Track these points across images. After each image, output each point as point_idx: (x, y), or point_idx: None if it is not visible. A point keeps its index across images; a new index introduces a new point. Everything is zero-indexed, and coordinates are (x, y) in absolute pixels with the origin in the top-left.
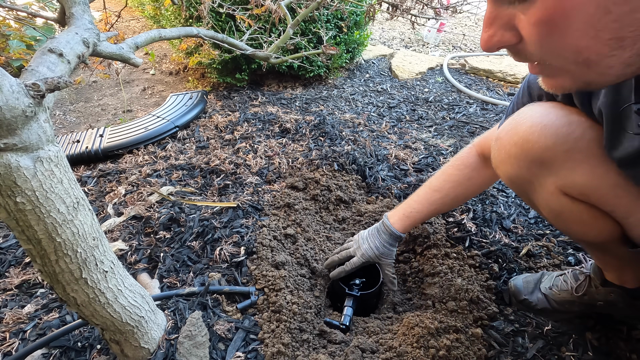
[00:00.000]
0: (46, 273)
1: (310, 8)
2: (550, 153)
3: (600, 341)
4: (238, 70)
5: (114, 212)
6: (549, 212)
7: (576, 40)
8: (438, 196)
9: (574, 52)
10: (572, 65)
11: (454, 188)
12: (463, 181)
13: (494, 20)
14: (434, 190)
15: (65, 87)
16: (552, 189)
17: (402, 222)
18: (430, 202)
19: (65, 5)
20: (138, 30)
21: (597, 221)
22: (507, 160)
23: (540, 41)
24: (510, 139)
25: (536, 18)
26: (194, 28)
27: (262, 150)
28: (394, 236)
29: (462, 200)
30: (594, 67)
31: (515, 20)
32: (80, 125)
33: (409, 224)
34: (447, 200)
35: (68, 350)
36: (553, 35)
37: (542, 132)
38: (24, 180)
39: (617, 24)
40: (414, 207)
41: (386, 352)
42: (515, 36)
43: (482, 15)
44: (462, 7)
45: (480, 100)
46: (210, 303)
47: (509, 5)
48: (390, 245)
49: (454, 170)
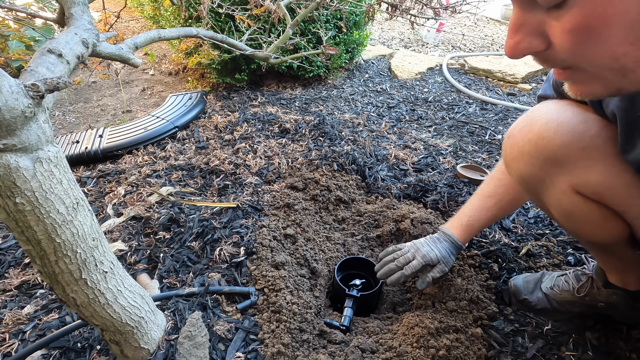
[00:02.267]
0: (46, 274)
1: (310, 8)
2: (566, 151)
3: (600, 341)
4: (237, 71)
5: (114, 212)
6: (560, 212)
7: (614, 46)
8: (492, 202)
9: (611, 58)
10: (606, 72)
11: (507, 192)
12: (513, 184)
13: (521, 27)
14: (487, 197)
15: (65, 87)
16: (565, 187)
17: (460, 231)
18: (486, 208)
19: (65, 5)
20: (137, 31)
21: (607, 222)
22: (520, 158)
23: (574, 48)
24: (524, 136)
25: (572, 24)
26: (194, 28)
27: (261, 151)
28: (455, 245)
29: (517, 203)
30: (630, 74)
31: (545, 26)
32: (80, 125)
33: (469, 233)
34: (503, 204)
35: (68, 351)
36: (589, 41)
37: (558, 129)
38: (23, 180)
39: None
40: (470, 216)
41: (386, 352)
42: (544, 42)
43: (481, 15)
44: (461, 7)
45: (480, 100)
46: (210, 303)
47: (540, 11)
48: (452, 253)
49: (502, 175)
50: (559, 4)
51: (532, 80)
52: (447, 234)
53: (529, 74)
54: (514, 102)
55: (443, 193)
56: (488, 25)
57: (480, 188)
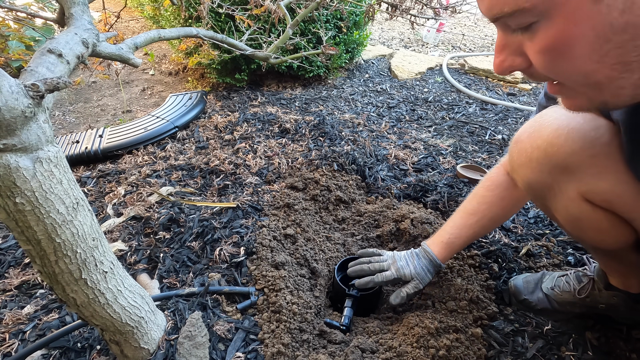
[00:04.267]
0: (46, 274)
1: (310, 8)
2: (576, 158)
3: (600, 341)
4: (237, 71)
5: (114, 212)
6: (566, 218)
7: (582, 65)
8: (474, 219)
9: (583, 75)
10: (584, 87)
11: (489, 209)
12: (496, 201)
13: (505, 47)
14: (469, 214)
15: (65, 87)
16: (574, 195)
17: (440, 249)
18: (467, 226)
19: (65, 5)
20: (137, 31)
21: (615, 229)
22: (528, 164)
23: (548, 67)
24: (533, 142)
25: (540, 46)
26: (194, 28)
27: (261, 151)
28: (433, 263)
29: (499, 220)
30: (605, 89)
31: (523, 46)
32: (80, 125)
33: (449, 251)
34: (485, 222)
35: (68, 351)
36: (560, 60)
37: (568, 136)
38: (23, 180)
39: (620, 50)
40: (451, 233)
41: (386, 352)
42: (525, 61)
43: (481, 15)
44: (461, 7)
45: (480, 100)
46: (210, 303)
47: (518, 33)
48: (428, 271)
49: (485, 192)
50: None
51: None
52: (427, 251)
53: None
54: (514, 102)
55: (443, 193)
56: (488, 25)
57: (463, 204)
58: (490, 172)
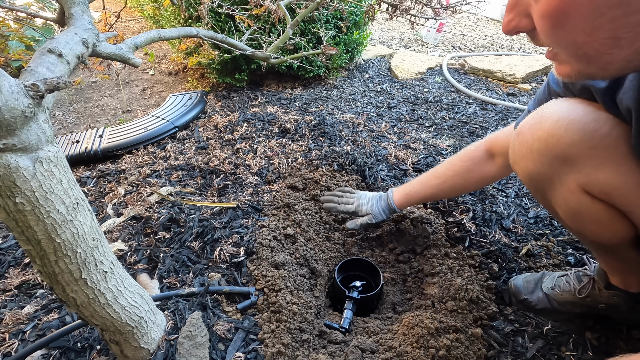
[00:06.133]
0: (46, 274)
1: (310, 8)
2: (576, 149)
3: (600, 341)
4: (237, 71)
5: (114, 212)
6: (566, 211)
7: (574, 35)
8: (436, 182)
9: (574, 46)
10: (573, 57)
11: (452, 177)
12: (462, 172)
13: (515, 6)
14: (435, 176)
15: (65, 87)
16: (573, 186)
17: (400, 198)
18: (429, 185)
19: (65, 5)
20: (137, 31)
21: (613, 222)
22: (529, 156)
23: (546, 32)
24: (534, 134)
25: (542, 10)
26: (194, 28)
27: (261, 151)
28: (390, 207)
29: (458, 190)
30: (593, 61)
31: (530, 8)
32: (80, 125)
33: (407, 202)
34: (444, 187)
35: (68, 351)
36: (557, 28)
37: (568, 127)
38: (23, 180)
39: (612, 24)
40: (414, 187)
41: (386, 352)
42: (530, 23)
43: (481, 16)
44: (461, 7)
45: (480, 100)
46: (210, 303)
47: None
48: (384, 211)
49: (457, 161)
50: None
51: (532, 80)
52: (388, 196)
53: (529, 74)
54: (514, 102)
55: None
56: (488, 25)
57: (436, 166)
58: (472, 144)
